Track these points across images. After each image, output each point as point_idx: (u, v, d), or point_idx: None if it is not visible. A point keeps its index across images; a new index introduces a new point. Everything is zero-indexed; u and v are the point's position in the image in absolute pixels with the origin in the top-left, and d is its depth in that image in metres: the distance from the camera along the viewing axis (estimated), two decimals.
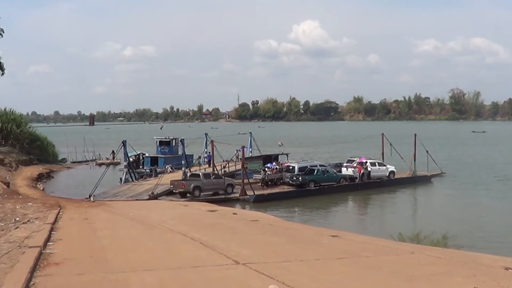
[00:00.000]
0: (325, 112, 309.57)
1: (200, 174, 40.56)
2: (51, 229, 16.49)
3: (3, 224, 20.01)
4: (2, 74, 63.96)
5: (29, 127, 64.33)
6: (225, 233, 16.76)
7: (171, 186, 39.12)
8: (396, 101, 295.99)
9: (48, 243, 13.58)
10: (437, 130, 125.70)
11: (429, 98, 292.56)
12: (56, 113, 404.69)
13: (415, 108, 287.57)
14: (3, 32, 62.60)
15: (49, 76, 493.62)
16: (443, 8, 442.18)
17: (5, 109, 60.01)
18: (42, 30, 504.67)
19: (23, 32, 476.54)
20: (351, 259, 12.23)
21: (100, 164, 61.30)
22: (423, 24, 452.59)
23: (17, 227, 17.76)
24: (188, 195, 37.90)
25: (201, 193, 38.20)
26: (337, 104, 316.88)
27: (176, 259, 11.70)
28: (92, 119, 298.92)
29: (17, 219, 21.14)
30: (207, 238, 14.73)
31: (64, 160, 68.62)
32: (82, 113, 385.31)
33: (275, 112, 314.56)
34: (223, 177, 41.46)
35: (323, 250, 13.67)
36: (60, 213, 23.18)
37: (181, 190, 38.49)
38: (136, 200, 35.69)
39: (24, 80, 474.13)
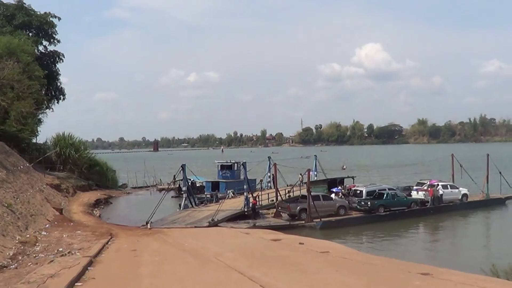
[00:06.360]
0: (389, 135, 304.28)
1: None
2: (89, 264, 14.43)
3: (43, 255, 18.27)
4: (63, 99, 64.26)
5: (88, 152, 63.56)
6: (291, 270, 13.99)
7: (279, 208, 38.22)
8: (461, 123, 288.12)
9: (76, 284, 11.22)
10: (505, 152, 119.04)
11: (494, 120, 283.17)
12: (121, 139, 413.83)
13: (481, 130, 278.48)
14: (63, 57, 63.10)
15: (115, 103, 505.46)
16: (506, 28, 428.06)
17: (63, 134, 59.48)
18: (106, 58, 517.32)
19: (89, 59, 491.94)
20: None
21: (161, 190, 59.84)
22: (486, 44, 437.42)
23: (52, 261, 15.68)
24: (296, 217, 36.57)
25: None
26: (401, 127, 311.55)
27: None
28: (156, 145, 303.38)
29: (60, 249, 19.39)
30: (269, 278, 12.06)
31: (124, 186, 67.75)
32: (146, 139, 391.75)
33: (339, 136, 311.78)
34: (333, 198, 39.53)
35: None
36: (108, 243, 21.32)
37: (288, 212, 37.27)
38: (195, 227, 33.43)
39: (90, 107, 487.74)
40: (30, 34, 59.09)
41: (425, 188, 42.94)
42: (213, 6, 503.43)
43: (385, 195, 39.35)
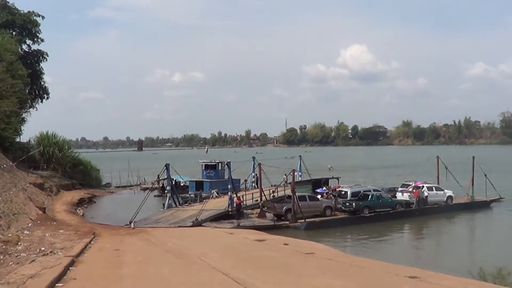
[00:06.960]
0: (374, 136, 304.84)
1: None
2: (71, 263, 14.13)
3: (25, 255, 17.91)
4: (47, 98, 63.61)
5: (72, 151, 63.14)
6: (276, 272, 13.81)
7: (264, 208, 37.72)
8: (445, 125, 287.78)
9: (56, 285, 11.01)
10: (489, 155, 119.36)
11: (479, 122, 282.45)
12: (105, 138, 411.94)
13: (465, 132, 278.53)
14: (47, 56, 62.46)
15: (99, 102, 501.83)
16: (492, 31, 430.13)
17: (47, 133, 58.92)
18: (91, 57, 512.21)
19: (73, 59, 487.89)
20: None
21: (145, 189, 59.46)
22: (472, 47, 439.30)
23: (33, 260, 15.43)
24: (282, 218, 36.26)
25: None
26: (386, 128, 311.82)
27: None
28: (140, 145, 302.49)
29: (42, 249, 19.08)
30: (253, 280, 11.88)
31: (108, 185, 67.34)
32: (130, 139, 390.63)
33: (323, 137, 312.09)
34: (319, 198, 39.50)
35: None
36: (91, 242, 21.02)
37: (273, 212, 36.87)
38: (179, 227, 33.20)
39: (75, 106, 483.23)
40: (14, 33, 58.15)
41: (410, 189, 42.83)
42: (197, 6, 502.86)
43: (370, 196, 39.11)
